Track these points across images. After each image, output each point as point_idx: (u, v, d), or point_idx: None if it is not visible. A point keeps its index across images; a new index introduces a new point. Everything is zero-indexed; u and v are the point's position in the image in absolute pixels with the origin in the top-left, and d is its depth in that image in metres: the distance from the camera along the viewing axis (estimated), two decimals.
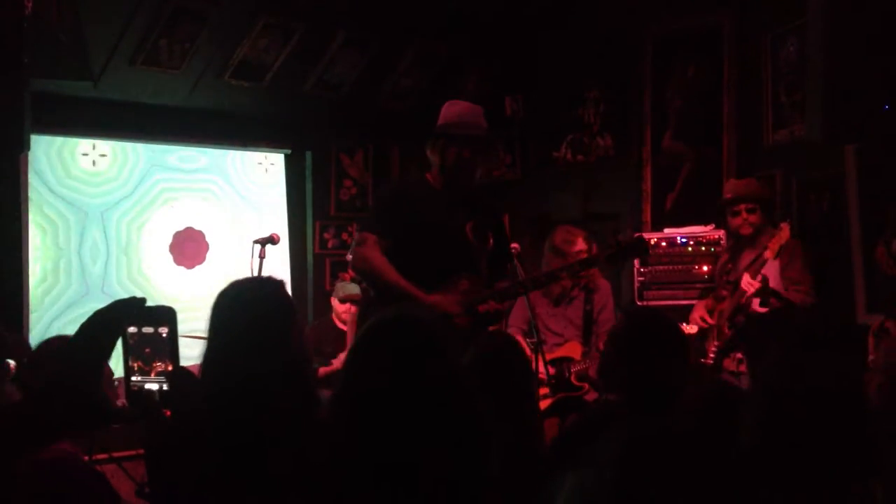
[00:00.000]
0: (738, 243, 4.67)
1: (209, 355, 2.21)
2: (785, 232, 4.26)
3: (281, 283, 2.38)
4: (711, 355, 4.52)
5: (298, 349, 2.32)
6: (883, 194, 4.57)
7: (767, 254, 4.28)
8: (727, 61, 5.54)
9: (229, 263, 6.70)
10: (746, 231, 4.56)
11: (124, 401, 1.74)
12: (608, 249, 4.01)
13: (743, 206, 4.58)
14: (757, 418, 1.74)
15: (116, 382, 2.77)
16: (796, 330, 4.23)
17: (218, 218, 6.84)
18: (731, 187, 4.74)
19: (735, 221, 4.63)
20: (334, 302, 6.15)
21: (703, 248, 5.26)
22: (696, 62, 5.75)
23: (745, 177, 5.08)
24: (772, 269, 4.34)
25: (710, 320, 4.56)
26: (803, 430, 1.68)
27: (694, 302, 4.88)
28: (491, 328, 4.56)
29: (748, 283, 4.31)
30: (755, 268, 4.37)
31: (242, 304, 2.29)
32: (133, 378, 1.67)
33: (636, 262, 5.41)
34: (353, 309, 5.96)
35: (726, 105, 5.54)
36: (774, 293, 4.28)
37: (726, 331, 4.48)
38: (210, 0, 5.54)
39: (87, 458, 3.38)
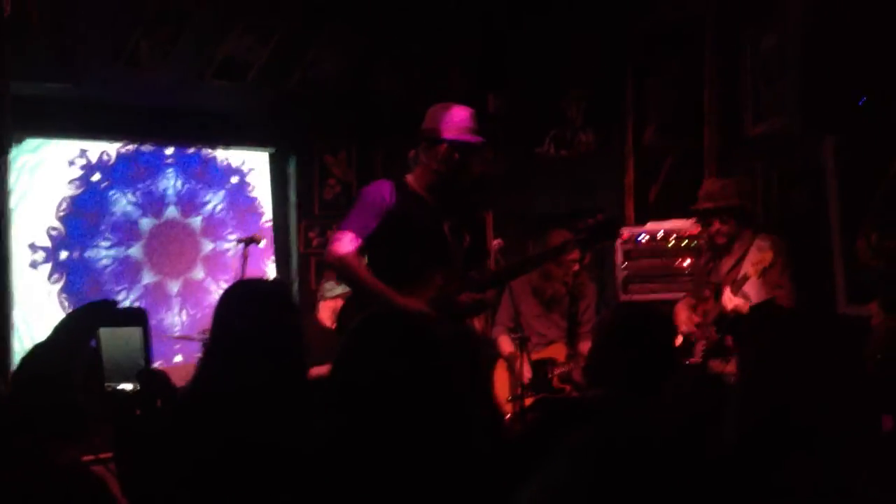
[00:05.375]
0: (716, 249, 4.56)
1: (210, 355, 2.19)
2: (768, 255, 4.13)
3: (289, 287, 2.37)
4: (699, 354, 4.47)
5: (301, 355, 2.32)
6: (862, 186, 4.60)
7: (750, 271, 4.16)
8: (708, 54, 5.56)
9: None
10: (721, 241, 4.45)
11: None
12: (578, 235, 4.00)
13: (716, 219, 4.44)
14: (739, 410, 1.76)
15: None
16: (782, 323, 4.21)
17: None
18: (705, 193, 4.57)
19: (709, 231, 4.51)
20: (321, 304, 6.14)
21: (686, 243, 5.27)
22: (677, 56, 5.77)
23: (725, 169, 5.07)
24: (753, 285, 4.24)
25: (696, 319, 4.50)
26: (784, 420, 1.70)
27: (675, 296, 4.85)
28: (476, 321, 4.57)
29: (729, 300, 4.24)
30: (736, 278, 4.27)
31: (252, 305, 2.28)
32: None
33: (618, 257, 5.40)
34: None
35: (707, 98, 5.56)
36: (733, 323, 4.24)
37: (713, 334, 4.37)
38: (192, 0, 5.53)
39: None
